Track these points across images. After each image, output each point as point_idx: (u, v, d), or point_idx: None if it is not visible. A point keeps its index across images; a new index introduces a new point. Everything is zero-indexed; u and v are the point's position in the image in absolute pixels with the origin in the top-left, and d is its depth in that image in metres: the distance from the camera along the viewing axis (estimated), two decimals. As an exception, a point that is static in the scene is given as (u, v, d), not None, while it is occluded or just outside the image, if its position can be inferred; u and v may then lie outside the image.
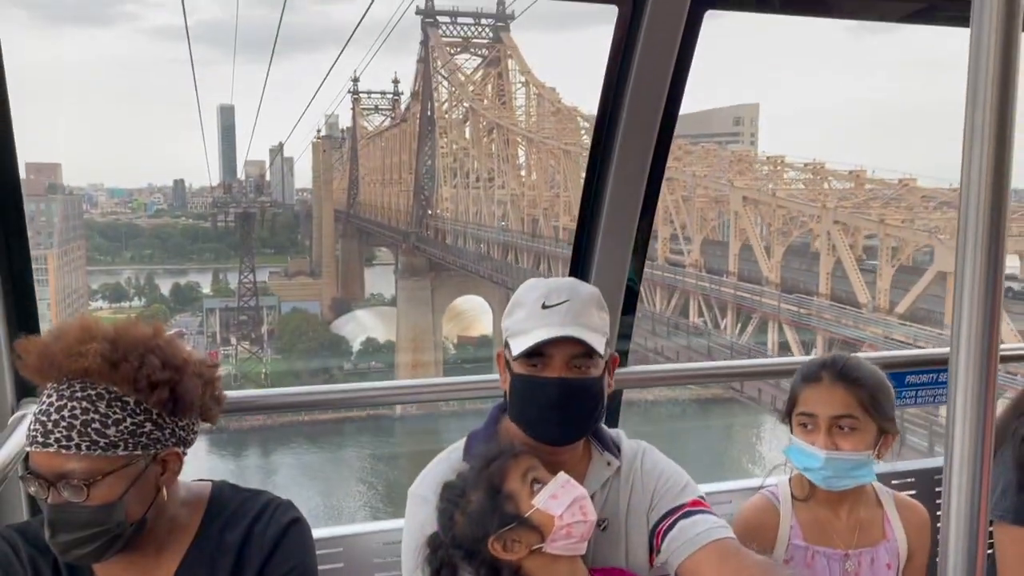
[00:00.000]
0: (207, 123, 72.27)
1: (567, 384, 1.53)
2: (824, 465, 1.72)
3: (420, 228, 45.87)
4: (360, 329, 48.44)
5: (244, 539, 1.49)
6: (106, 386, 1.34)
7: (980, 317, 0.68)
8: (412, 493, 1.64)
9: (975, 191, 0.69)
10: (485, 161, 42.57)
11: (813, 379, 1.76)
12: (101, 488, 1.33)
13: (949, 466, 0.70)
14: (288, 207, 66.90)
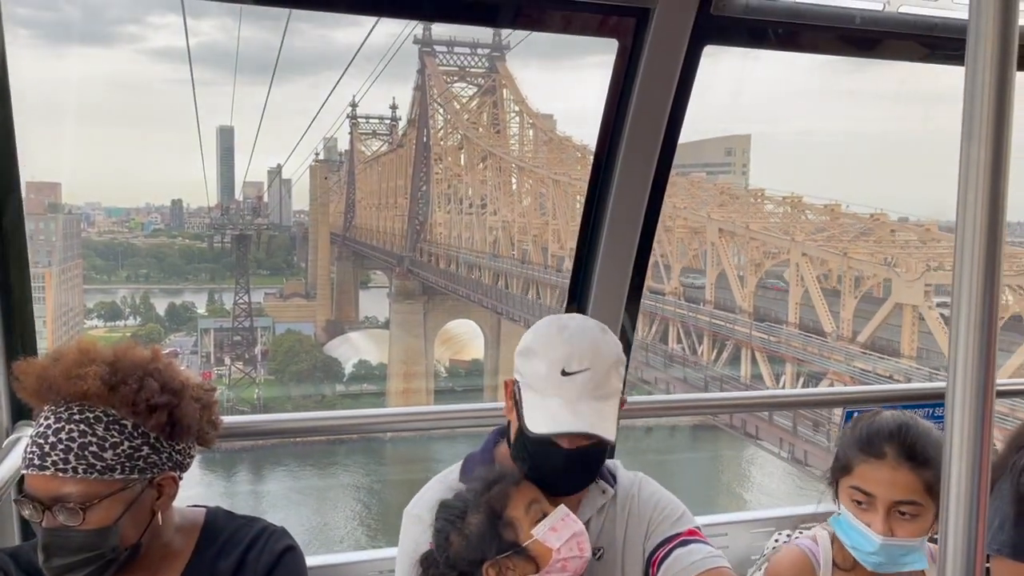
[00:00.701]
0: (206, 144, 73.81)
1: (575, 455, 1.53)
2: (878, 551, 1.59)
3: (414, 252, 47.13)
4: (353, 351, 49.39)
5: (237, 567, 1.49)
6: (104, 409, 1.34)
7: (976, 352, 0.68)
8: (407, 513, 1.66)
9: (971, 225, 0.68)
10: (478, 188, 43.99)
11: (875, 454, 1.61)
12: (97, 512, 1.32)
13: (946, 500, 0.70)
14: (285, 228, 68.15)
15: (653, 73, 2.30)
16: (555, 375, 1.51)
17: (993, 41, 0.68)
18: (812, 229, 24.74)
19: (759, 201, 27.76)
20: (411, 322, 45.97)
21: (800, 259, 22.32)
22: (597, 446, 1.55)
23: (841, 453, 1.71)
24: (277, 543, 1.52)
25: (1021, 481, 1.89)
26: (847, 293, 21.56)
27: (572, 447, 1.52)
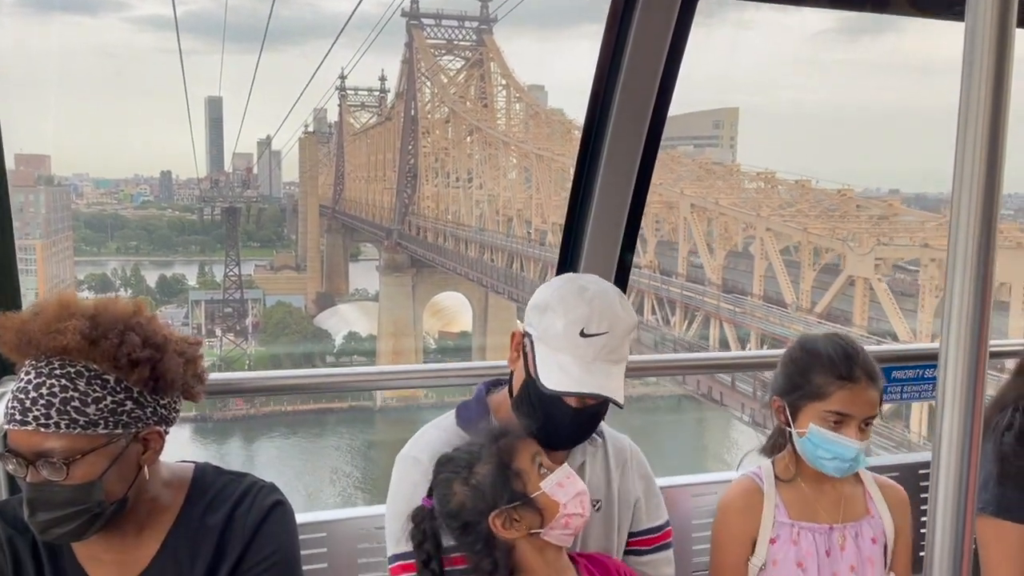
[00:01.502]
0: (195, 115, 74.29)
1: (583, 413, 1.58)
2: (856, 457, 1.78)
3: (402, 225, 48.24)
4: (343, 323, 50.46)
5: (226, 522, 1.48)
6: (85, 364, 1.33)
7: (970, 313, 0.69)
8: (403, 457, 1.65)
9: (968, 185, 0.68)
10: (465, 162, 45.07)
11: (853, 380, 1.78)
12: (81, 467, 1.32)
13: (937, 460, 0.71)
14: (275, 200, 68.97)
15: (646, 31, 2.28)
16: (573, 334, 1.54)
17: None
18: (782, 204, 26.12)
19: (734, 176, 29.10)
20: (400, 294, 47.12)
21: (764, 234, 23.74)
22: (602, 406, 1.60)
23: (812, 385, 1.81)
24: (266, 498, 1.53)
25: (1004, 440, 1.97)
26: (807, 266, 23.07)
27: (580, 406, 1.56)
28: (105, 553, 1.45)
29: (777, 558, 1.85)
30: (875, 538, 1.89)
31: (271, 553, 1.48)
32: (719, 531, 1.93)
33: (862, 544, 1.87)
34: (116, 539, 1.44)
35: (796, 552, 1.85)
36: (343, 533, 2.08)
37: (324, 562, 2.05)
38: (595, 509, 1.68)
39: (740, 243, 26.31)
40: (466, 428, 1.64)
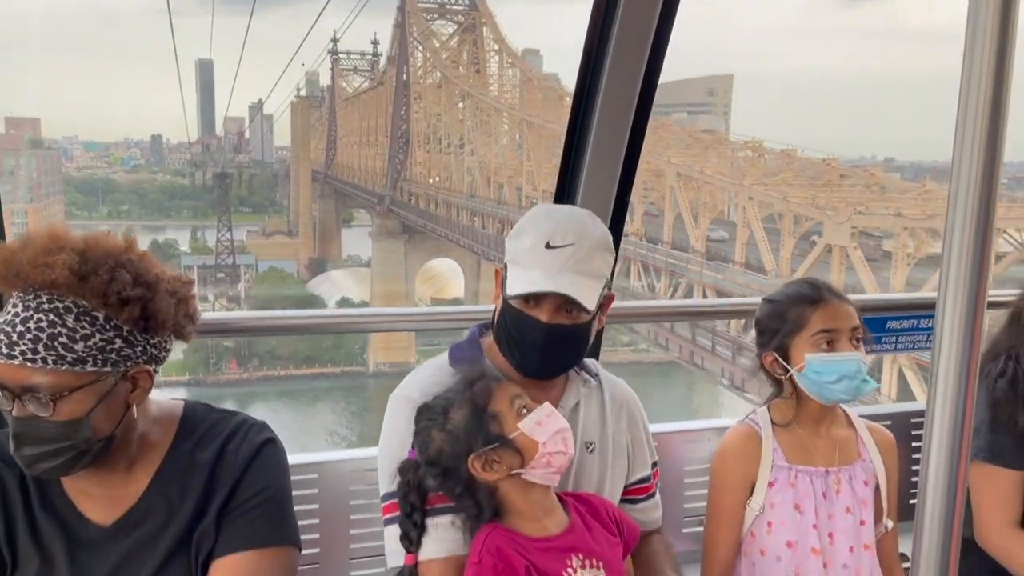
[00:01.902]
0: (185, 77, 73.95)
1: (554, 330, 1.56)
2: (860, 369, 1.81)
3: (394, 191, 48.61)
4: (335, 289, 50.90)
5: (216, 458, 1.48)
6: (74, 299, 1.30)
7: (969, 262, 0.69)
8: (396, 396, 1.65)
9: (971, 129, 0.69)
10: (457, 128, 45.35)
11: (821, 300, 1.83)
12: (68, 403, 1.31)
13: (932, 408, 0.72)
14: (267, 165, 69.04)
15: None
16: (539, 248, 1.56)
17: None
18: (767, 173, 26.70)
19: (722, 145, 29.63)
20: (392, 261, 47.61)
21: (747, 203, 24.37)
22: (577, 327, 1.59)
23: (789, 322, 1.86)
24: (257, 435, 1.53)
25: (997, 387, 2.01)
26: (787, 234, 23.79)
27: (551, 321, 1.56)
28: (94, 488, 1.44)
29: (775, 501, 1.87)
30: (867, 480, 1.91)
31: (262, 489, 1.48)
32: (718, 475, 1.94)
33: (856, 486, 1.90)
34: (105, 474, 1.43)
35: (794, 494, 1.87)
36: (335, 475, 2.11)
37: (315, 503, 2.08)
38: (589, 451, 1.69)
39: (726, 211, 26.95)
40: (458, 368, 1.64)
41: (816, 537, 1.85)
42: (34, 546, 1.41)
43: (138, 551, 1.42)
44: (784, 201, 23.77)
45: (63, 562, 1.41)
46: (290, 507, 1.55)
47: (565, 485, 1.63)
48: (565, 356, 1.65)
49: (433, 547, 1.53)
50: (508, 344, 1.63)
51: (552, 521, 1.50)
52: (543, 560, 1.45)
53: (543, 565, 1.44)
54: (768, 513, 1.88)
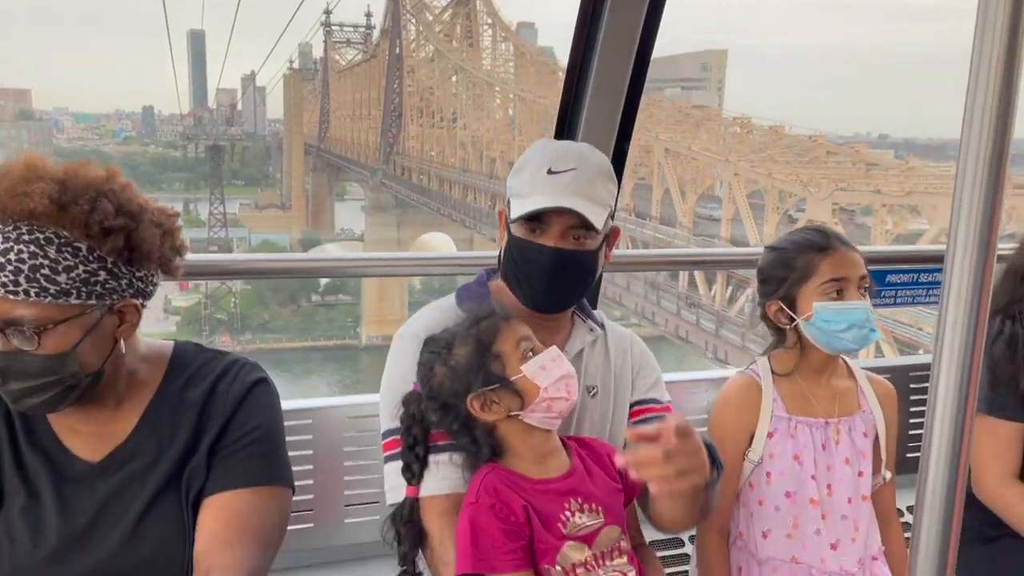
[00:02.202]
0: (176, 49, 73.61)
1: (561, 255, 1.55)
2: (868, 318, 1.79)
3: (387, 165, 48.88)
4: None
5: (207, 396, 1.46)
6: (55, 230, 1.27)
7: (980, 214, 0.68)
8: (400, 335, 1.64)
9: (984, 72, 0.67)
10: (450, 102, 45.52)
11: (830, 248, 1.81)
12: (53, 337, 1.29)
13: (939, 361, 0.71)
14: (260, 138, 69.11)
15: None
16: (540, 175, 1.53)
17: None
18: (754, 149, 27.18)
19: (712, 121, 30.06)
20: (385, 234, 47.94)
21: (732, 179, 24.89)
22: (584, 253, 1.56)
23: (797, 270, 1.82)
24: (249, 374, 1.50)
25: (995, 347, 2.02)
26: (771, 210, 24.40)
27: (557, 245, 1.53)
28: (82, 425, 1.43)
29: (774, 451, 1.85)
30: (867, 432, 1.90)
31: (253, 428, 1.46)
32: (717, 425, 1.92)
33: (855, 437, 1.88)
34: (93, 411, 1.42)
35: (793, 445, 1.85)
36: (328, 420, 2.11)
37: (309, 449, 2.09)
38: (591, 395, 1.68)
39: (715, 187, 27.47)
40: (465, 308, 1.62)
41: (815, 488, 1.84)
42: (20, 480, 1.39)
43: (127, 488, 1.41)
44: (769, 177, 24.31)
45: (50, 497, 1.39)
46: (283, 448, 1.52)
47: (567, 429, 1.61)
48: (572, 284, 1.61)
49: (435, 484, 1.52)
50: (515, 277, 1.60)
51: (553, 463, 1.47)
52: (541, 502, 1.43)
53: (541, 507, 1.43)
54: (767, 464, 1.86)
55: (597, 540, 1.45)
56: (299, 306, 45.29)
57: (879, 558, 1.91)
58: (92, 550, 1.38)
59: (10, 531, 1.37)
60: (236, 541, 1.38)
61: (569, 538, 1.42)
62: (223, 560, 1.35)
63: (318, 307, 45.56)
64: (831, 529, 1.85)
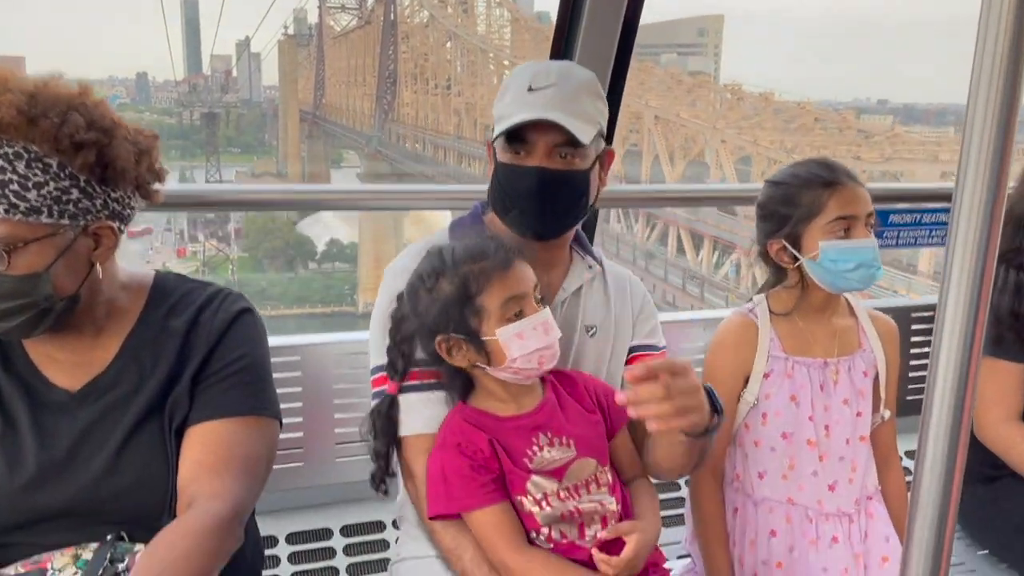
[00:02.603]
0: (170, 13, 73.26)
1: (548, 174, 1.48)
2: (875, 256, 1.75)
3: (382, 132, 49.17)
4: (325, 230, 51.66)
5: (190, 325, 1.44)
6: (24, 145, 1.24)
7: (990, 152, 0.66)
8: (390, 269, 1.59)
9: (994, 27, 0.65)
10: (444, 68, 45.68)
11: (837, 184, 1.74)
12: (24, 256, 1.26)
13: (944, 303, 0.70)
14: (255, 105, 69.08)
15: None
16: (521, 94, 1.48)
17: None
18: (744, 116, 27.65)
19: (703, 87, 30.46)
20: (381, 202, 48.22)
21: (719, 146, 25.41)
22: (574, 172, 1.50)
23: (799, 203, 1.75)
24: (233, 304, 1.47)
25: (1000, 303, 2.00)
26: (757, 175, 24.91)
27: (543, 164, 1.47)
28: (59, 353, 1.40)
29: (770, 392, 1.82)
30: (867, 371, 1.86)
31: (238, 357, 1.44)
32: (712, 365, 1.88)
33: (855, 377, 1.85)
34: (71, 340, 1.40)
35: (790, 385, 1.83)
36: (318, 357, 2.09)
37: (298, 386, 2.08)
38: (590, 335, 1.64)
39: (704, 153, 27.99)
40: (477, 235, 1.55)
41: (812, 429, 1.81)
42: None
43: (107, 416, 1.38)
44: (754, 144, 24.83)
45: (27, 424, 1.36)
46: (269, 379, 1.50)
47: (563, 366, 1.57)
48: (564, 207, 1.54)
49: (419, 422, 1.50)
50: (503, 204, 1.55)
51: (525, 400, 1.44)
52: (508, 438, 1.40)
53: (507, 442, 1.40)
54: (763, 404, 1.83)
55: (567, 473, 1.41)
56: (296, 273, 45.74)
57: (875, 497, 1.89)
58: (72, 478, 1.35)
59: None
60: (221, 470, 1.35)
61: (536, 472, 1.39)
62: (208, 488, 1.32)
63: (315, 274, 45.96)
64: (828, 470, 1.82)
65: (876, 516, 1.87)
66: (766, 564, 1.82)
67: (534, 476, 1.39)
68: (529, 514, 1.40)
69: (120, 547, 1.34)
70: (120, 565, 1.31)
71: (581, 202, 1.56)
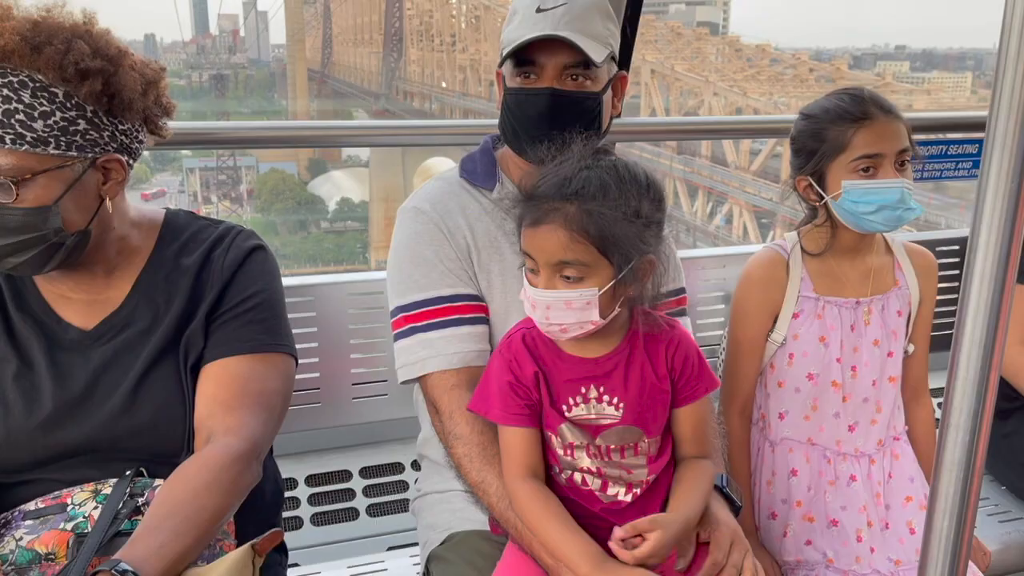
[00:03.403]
0: (176, -25, 73.28)
1: (558, 96, 1.45)
2: (903, 197, 1.66)
3: (389, 91, 49.84)
4: (336, 189, 52.32)
5: (203, 263, 1.44)
6: (29, 74, 1.23)
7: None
8: (404, 208, 1.57)
9: None
10: (449, 24, 46.06)
11: (865, 118, 1.65)
12: (32, 188, 1.25)
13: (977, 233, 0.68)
14: (264, 65, 69.61)
15: None
16: (529, 15, 1.44)
17: None
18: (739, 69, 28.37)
19: (700, 41, 31.11)
20: (390, 160, 48.91)
21: (712, 99, 26.22)
22: (585, 95, 1.46)
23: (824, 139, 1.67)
24: (245, 241, 1.47)
25: None
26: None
27: (553, 85, 1.44)
28: (72, 292, 1.40)
29: (799, 332, 1.77)
30: (900, 310, 1.81)
31: (252, 294, 1.43)
32: (740, 302, 1.83)
33: (887, 317, 1.80)
34: (84, 278, 1.39)
35: (820, 327, 1.77)
36: (333, 297, 2.09)
37: (314, 326, 2.09)
38: None
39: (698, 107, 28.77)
40: (470, 179, 1.57)
41: (839, 371, 1.78)
42: (11, 347, 1.38)
43: (123, 355, 1.39)
44: (744, 96, 25.66)
45: (43, 364, 1.37)
46: (283, 315, 1.50)
47: None
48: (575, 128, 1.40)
49: (444, 359, 1.48)
50: (512, 131, 1.51)
51: (593, 345, 1.32)
52: (559, 378, 1.32)
53: (556, 382, 1.32)
54: (791, 344, 1.79)
55: (604, 434, 1.32)
56: (309, 233, 46.54)
57: (902, 438, 1.86)
58: (89, 416, 1.36)
59: (3, 398, 1.35)
60: (236, 406, 1.36)
61: (568, 421, 1.32)
62: (224, 424, 1.34)
63: (327, 234, 46.75)
64: (850, 412, 1.80)
65: (902, 457, 1.83)
66: (785, 503, 1.80)
67: (566, 424, 1.32)
68: (555, 452, 1.35)
69: (140, 482, 1.35)
70: (140, 499, 1.32)
71: (594, 127, 1.50)
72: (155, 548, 1.14)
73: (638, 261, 1.21)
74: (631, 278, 1.23)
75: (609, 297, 1.23)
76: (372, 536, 2.15)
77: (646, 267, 1.24)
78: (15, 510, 1.35)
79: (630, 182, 1.21)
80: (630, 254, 1.21)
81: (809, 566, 1.76)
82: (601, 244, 1.19)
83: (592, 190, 1.20)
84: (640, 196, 1.21)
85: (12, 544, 1.28)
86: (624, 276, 1.22)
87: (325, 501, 2.19)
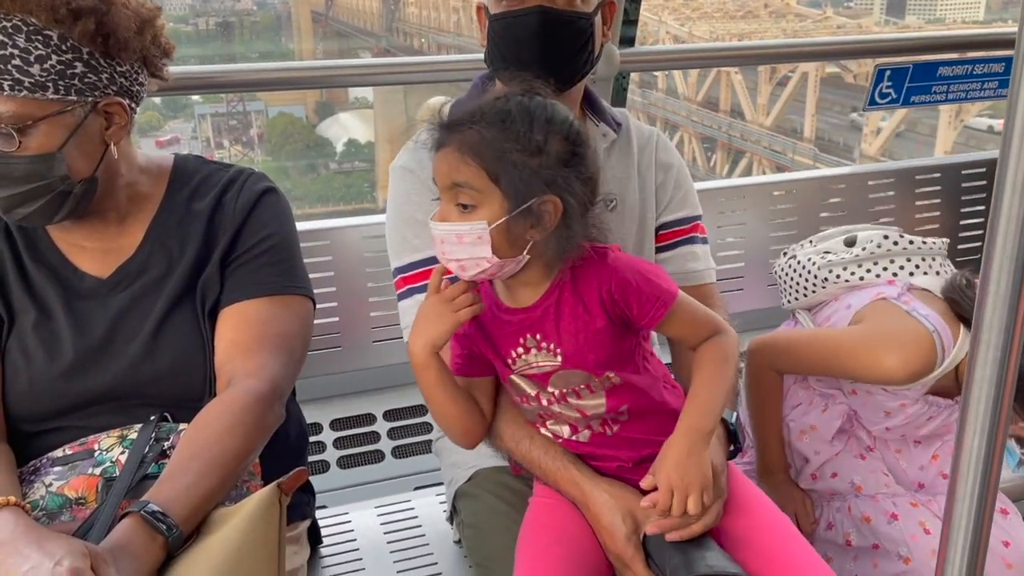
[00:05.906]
0: (177, -81, 72.11)
1: (547, 13, 1.37)
2: None
3: (390, 32, 49.60)
4: (343, 131, 52.34)
5: (215, 206, 1.41)
6: (22, 17, 1.19)
7: None
8: (394, 167, 1.54)
9: None
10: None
11: None
12: (35, 136, 1.22)
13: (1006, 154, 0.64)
14: (270, 7, 68.79)
15: None
16: None
17: None
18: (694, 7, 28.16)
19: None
20: (393, 100, 48.96)
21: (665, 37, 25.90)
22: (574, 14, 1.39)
23: None
24: (256, 183, 1.44)
25: None
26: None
27: (538, 4, 1.37)
28: (85, 241, 1.38)
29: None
30: None
31: (266, 236, 1.41)
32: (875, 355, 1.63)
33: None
34: (97, 227, 1.37)
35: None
36: (348, 241, 2.05)
37: (330, 270, 2.06)
38: (609, 208, 1.51)
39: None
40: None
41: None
42: (29, 298, 1.35)
43: (140, 301, 1.37)
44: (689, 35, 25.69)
45: (62, 313, 1.34)
46: (298, 257, 1.46)
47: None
48: (568, 52, 1.41)
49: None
50: (502, 60, 1.43)
51: (523, 293, 1.25)
52: (501, 330, 1.27)
53: (498, 335, 1.28)
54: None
55: (552, 380, 1.26)
56: (318, 174, 47.01)
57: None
58: (110, 364, 1.34)
59: (24, 348, 1.32)
60: (255, 348, 1.33)
61: (516, 373, 1.28)
62: (244, 367, 1.31)
63: (335, 174, 47.08)
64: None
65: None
66: (818, 454, 1.75)
67: (516, 375, 1.29)
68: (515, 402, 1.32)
69: (164, 427, 1.32)
70: (165, 443, 1.29)
71: (586, 50, 1.44)
72: (182, 489, 1.15)
73: (538, 201, 1.14)
74: (532, 219, 1.15)
75: (504, 234, 1.15)
76: (398, 477, 2.15)
77: (549, 209, 1.16)
78: (43, 457, 1.33)
79: (540, 118, 1.16)
80: (525, 190, 1.13)
81: (841, 497, 1.74)
82: (492, 169, 1.13)
83: (492, 118, 1.15)
84: (548, 134, 1.15)
85: (42, 490, 1.28)
86: (521, 214, 1.14)
87: (351, 444, 2.19)
